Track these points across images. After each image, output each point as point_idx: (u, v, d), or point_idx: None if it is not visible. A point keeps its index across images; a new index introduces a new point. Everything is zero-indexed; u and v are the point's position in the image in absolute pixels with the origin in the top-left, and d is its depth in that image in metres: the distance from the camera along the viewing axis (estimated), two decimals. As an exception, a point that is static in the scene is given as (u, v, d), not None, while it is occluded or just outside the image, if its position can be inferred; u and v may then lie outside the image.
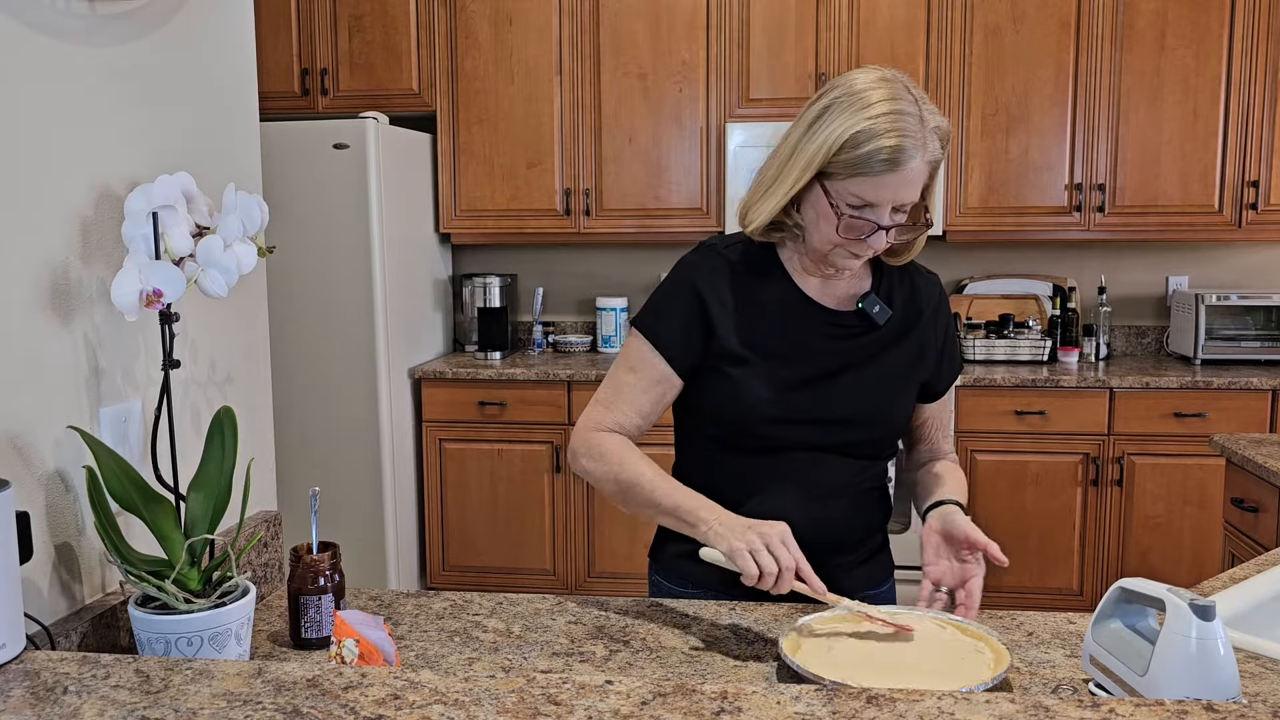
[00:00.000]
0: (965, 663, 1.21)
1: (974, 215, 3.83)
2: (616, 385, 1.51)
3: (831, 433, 1.48)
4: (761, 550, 1.28)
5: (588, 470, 1.48)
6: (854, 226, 1.37)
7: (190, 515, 1.22)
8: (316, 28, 4.02)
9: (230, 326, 1.52)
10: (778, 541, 1.29)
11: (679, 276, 1.51)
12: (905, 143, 1.31)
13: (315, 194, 3.62)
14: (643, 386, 1.49)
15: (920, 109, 1.33)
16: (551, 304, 4.46)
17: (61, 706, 0.93)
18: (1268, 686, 1.18)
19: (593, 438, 1.48)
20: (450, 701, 0.92)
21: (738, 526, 1.33)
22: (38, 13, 1.17)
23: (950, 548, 1.43)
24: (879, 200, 1.35)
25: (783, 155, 1.41)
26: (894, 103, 1.32)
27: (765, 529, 1.31)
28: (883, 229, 1.37)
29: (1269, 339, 3.81)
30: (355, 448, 3.70)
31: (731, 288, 1.48)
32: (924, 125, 1.33)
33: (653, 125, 3.96)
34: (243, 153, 1.56)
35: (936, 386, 1.59)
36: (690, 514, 1.38)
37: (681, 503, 1.39)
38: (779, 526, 1.32)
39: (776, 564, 1.28)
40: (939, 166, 1.39)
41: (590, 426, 1.50)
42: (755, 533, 1.30)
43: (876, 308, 1.49)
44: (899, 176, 1.32)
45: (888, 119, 1.31)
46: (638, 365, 1.50)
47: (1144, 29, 3.71)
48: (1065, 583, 3.69)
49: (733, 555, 1.30)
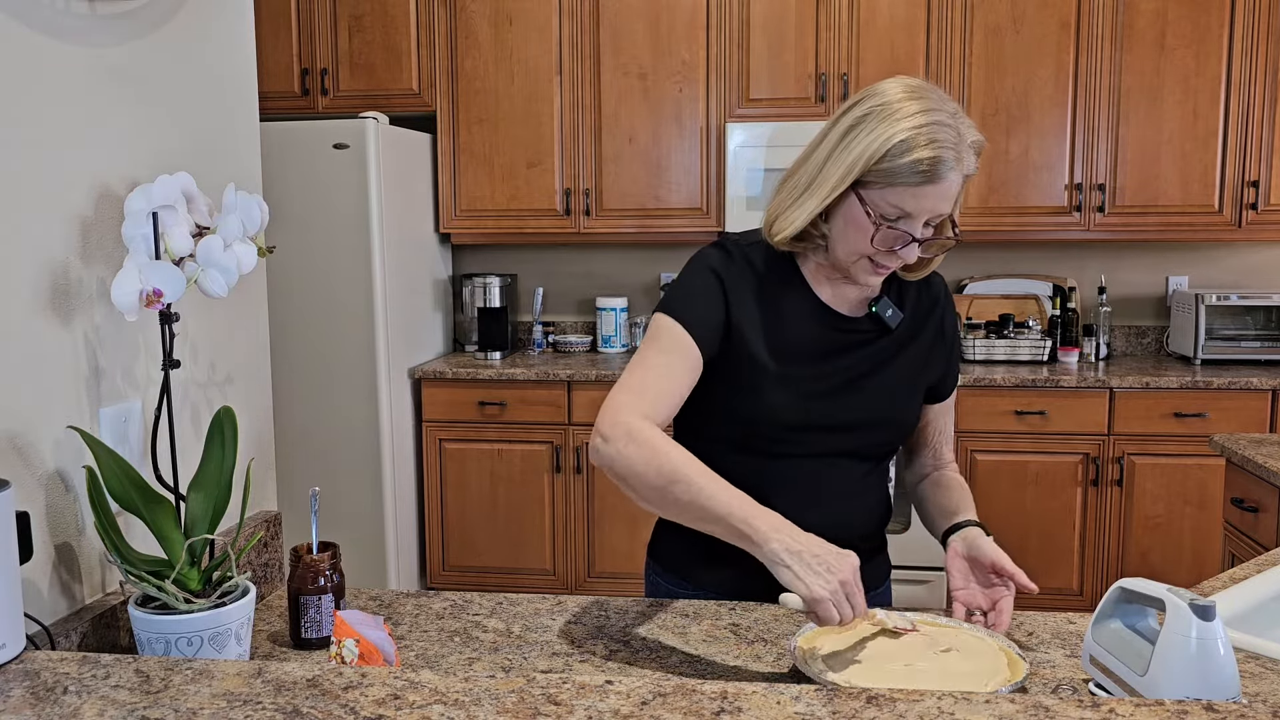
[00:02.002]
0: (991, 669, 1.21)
1: (974, 215, 3.83)
2: (646, 369, 1.40)
3: (844, 438, 1.48)
4: (844, 602, 1.19)
5: (625, 456, 1.31)
6: (889, 238, 1.36)
7: (190, 515, 1.22)
8: (316, 28, 4.02)
9: (230, 326, 1.52)
10: (855, 586, 1.20)
11: (704, 266, 1.47)
12: (945, 154, 1.30)
13: (315, 194, 3.62)
14: (678, 370, 1.40)
15: (957, 123, 1.33)
16: (551, 304, 4.46)
17: (61, 706, 0.93)
18: (1268, 686, 1.18)
19: (630, 421, 1.33)
20: (450, 701, 0.92)
21: (814, 563, 1.20)
22: (38, 13, 1.17)
23: (977, 572, 1.40)
24: (916, 212, 1.34)
25: (816, 163, 1.39)
26: (932, 114, 1.32)
27: (845, 573, 1.20)
28: (916, 241, 1.36)
29: (1269, 339, 3.81)
30: (355, 448, 3.70)
31: (754, 290, 1.47)
32: (962, 139, 1.33)
33: (653, 125, 3.96)
34: (243, 153, 1.56)
35: (943, 387, 1.59)
36: (745, 524, 1.24)
37: (735, 510, 1.25)
38: (852, 562, 1.21)
39: (852, 610, 1.21)
40: (969, 181, 1.39)
41: (623, 411, 1.34)
42: (838, 579, 1.19)
43: (889, 311, 1.49)
44: (937, 189, 1.32)
45: (928, 130, 1.30)
46: (670, 347, 1.41)
47: (1144, 29, 3.71)
48: (1065, 583, 3.69)
49: (816, 605, 1.19)
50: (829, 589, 1.18)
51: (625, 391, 1.38)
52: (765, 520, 1.24)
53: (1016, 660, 1.22)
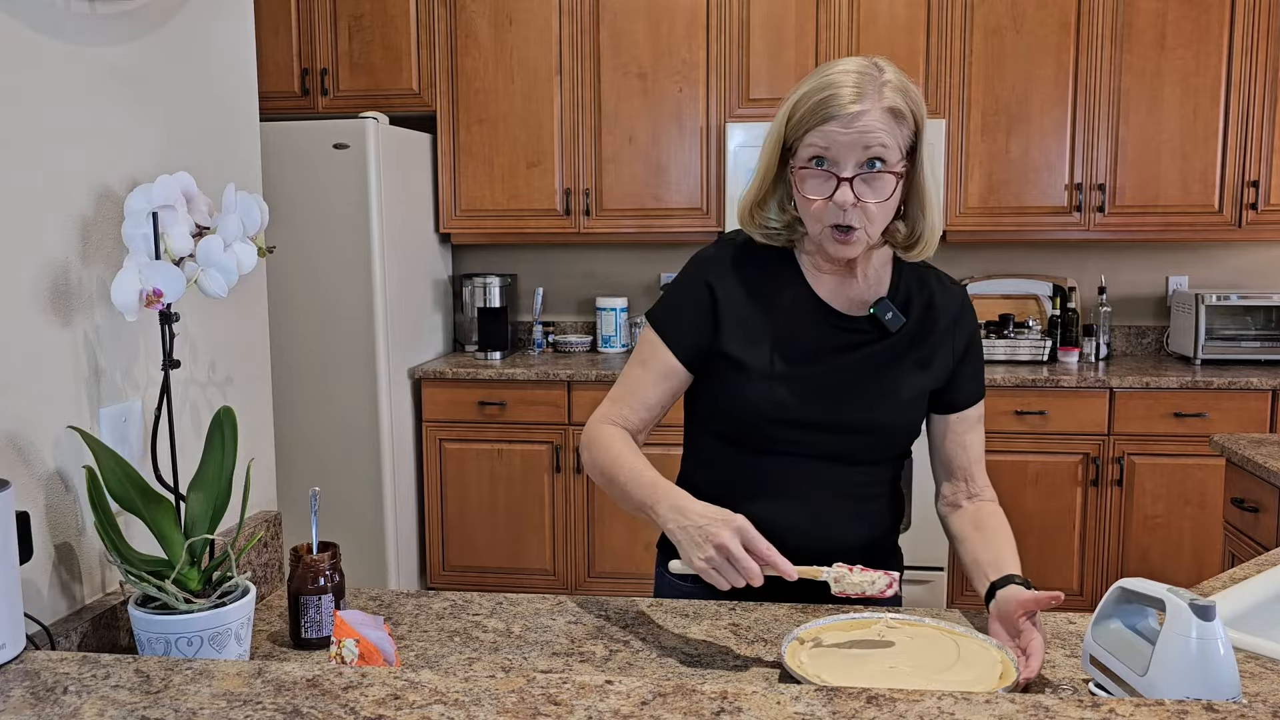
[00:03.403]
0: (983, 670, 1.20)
1: (974, 215, 3.83)
2: (627, 379, 1.52)
3: (835, 439, 1.47)
4: (724, 565, 1.23)
5: (586, 461, 1.50)
6: (817, 186, 1.36)
7: (190, 515, 1.22)
8: (316, 28, 4.02)
9: (230, 326, 1.52)
10: (738, 550, 1.22)
11: (693, 269, 1.52)
12: (848, 91, 1.32)
13: (315, 194, 3.62)
14: (651, 380, 1.50)
15: (882, 71, 1.35)
16: (551, 304, 4.46)
17: (61, 706, 0.93)
18: (1268, 686, 1.18)
19: (595, 429, 1.50)
20: (450, 701, 0.92)
21: (695, 535, 1.25)
22: (38, 12, 1.17)
23: (1009, 625, 1.30)
24: (833, 149, 1.34)
25: (764, 147, 1.44)
26: (847, 64, 1.35)
27: (722, 538, 1.23)
28: (843, 181, 1.34)
29: (1269, 339, 3.81)
30: (355, 448, 3.70)
31: (744, 285, 1.47)
32: (876, 78, 1.34)
33: (653, 125, 3.96)
34: (243, 153, 1.56)
35: (955, 397, 1.53)
36: (651, 510, 1.33)
37: (645, 497, 1.35)
38: (732, 524, 1.24)
39: (740, 573, 1.23)
40: (914, 121, 1.36)
41: (596, 419, 1.51)
42: (712, 545, 1.23)
43: (889, 314, 1.46)
44: (845, 121, 1.32)
45: (836, 75, 1.34)
46: (648, 358, 1.51)
47: (1144, 29, 3.71)
48: (1065, 583, 3.69)
49: (700, 574, 1.26)
50: (704, 556, 1.24)
51: (606, 400, 1.53)
52: (664, 503, 1.32)
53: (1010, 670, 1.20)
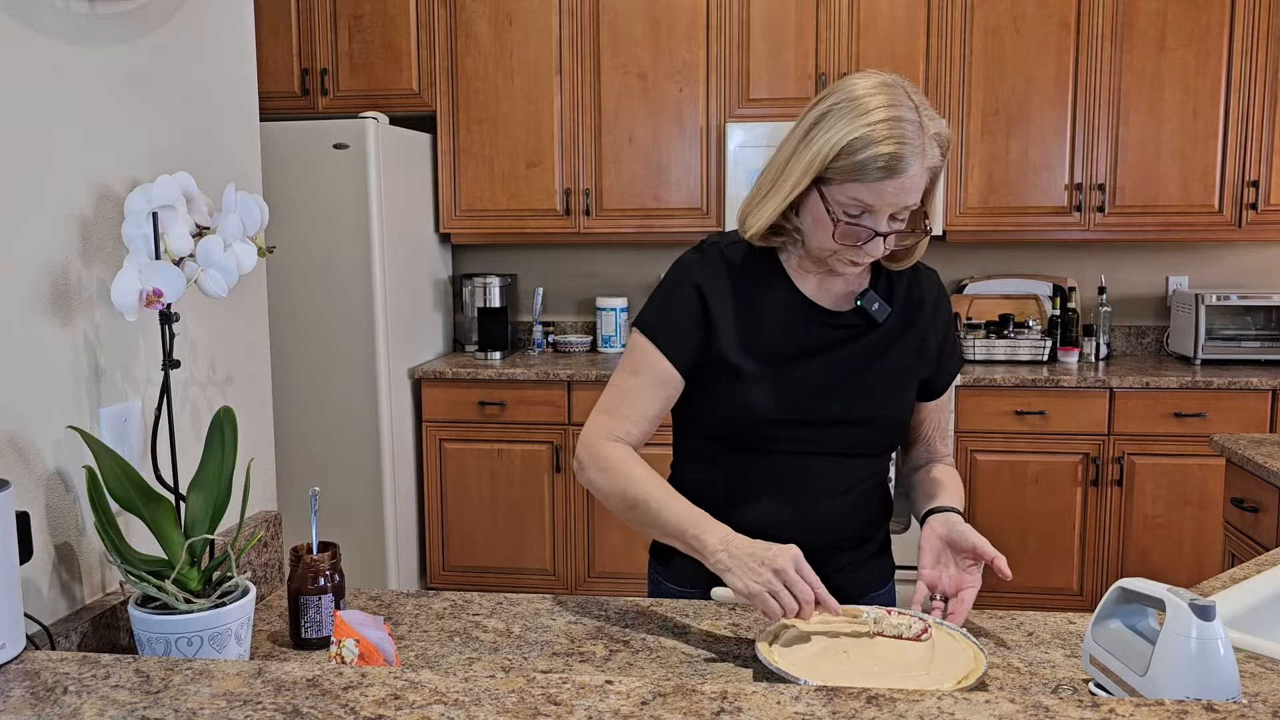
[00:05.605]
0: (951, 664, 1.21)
1: (974, 215, 3.83)
2: (620, 390, 1.48)
3: (832, 434, 1.47)
4: (781, 591, 1.24)
5: (594, 483, 1.45)
6: (850, 233, 1.36)
7: (190, 515, 1.22)
8: (316, 28, 4.02)
9: (230, 326, 1.52)
10: (794, 575, 1.25)
11: (680, 275, 1.50)
12: (903, 150, 1.30)
13: (315, 194, 3.62)
14: (649, 390, 1.47)
15: (920, 115, 1.32)
16: (551, 304, 4.46)
17: (61, 706, 0.93)
18: (1268, 686, 1.18)
19: (599, 448, 1.45)
20: (450, 701, 0.92)
21: (749, 561, 1.27)
22: (37, 12, 1.17)
23: (952, 554, 1.41)
24: (876, 206, 1.34)
25: (780, 161, 1.40)
26: (893, 109, 1.31)
27: (780, 562, 1.25)
28: (880, 235, 1.36)
29: (1269, 339, 3.81)
30: (355, 448, 3.70)
31: (732, 289, 1.47)
32: (924, 132, 1.32)
33: (653, 125, 3.96)
34: (242, 153, 1.56)
35: (937, 384, 1.57)
36: (696, 540, 1.33)
37: (687, 527, 1.35)
38: (790, 552, 1.27)
39: (796, 601, 1.25)
40: (939, 173, 1.38)
41: (595, 435, 1.46)
42: (770, 569, 1.25)
43: (875, 305, 1.48)
44: (896, 183, 1.31)
45: (885, 125, 1.30)
46: (641, 367, 1.47)
47: (1144, 29, 3.71)
48: (1065, 583, 3.69)
49: (752, 599, 1.26)
50: (761, 580, 1.25)
51: (599, 413, 1.48)
52: (713, 534, 1.33)
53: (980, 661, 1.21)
